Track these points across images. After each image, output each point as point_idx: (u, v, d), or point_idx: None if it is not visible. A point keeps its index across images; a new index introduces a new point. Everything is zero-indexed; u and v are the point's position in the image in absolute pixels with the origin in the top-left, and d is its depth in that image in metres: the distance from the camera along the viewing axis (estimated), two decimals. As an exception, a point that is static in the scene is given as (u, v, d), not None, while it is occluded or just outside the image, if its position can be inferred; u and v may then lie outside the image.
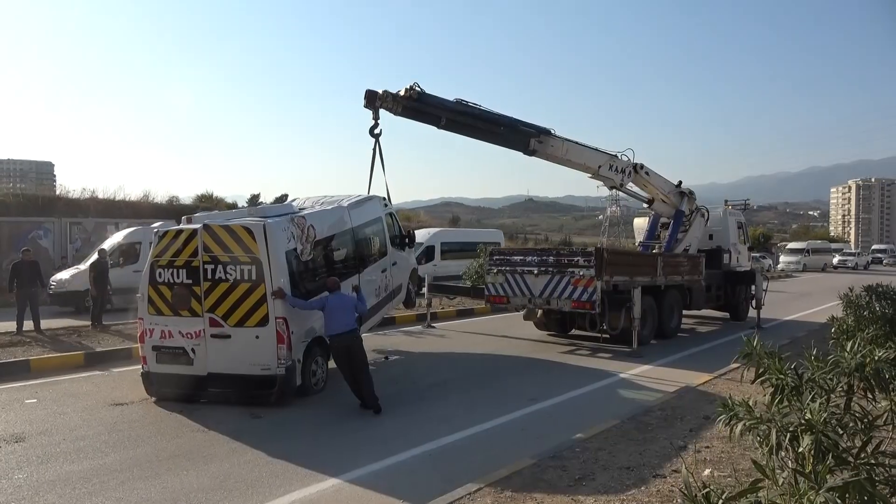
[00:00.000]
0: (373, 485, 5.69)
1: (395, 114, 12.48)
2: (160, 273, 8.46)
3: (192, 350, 8.31)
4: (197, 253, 8.29)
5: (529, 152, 14.39)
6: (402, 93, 12.28)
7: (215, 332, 8.22)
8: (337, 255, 10.04)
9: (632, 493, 5.23)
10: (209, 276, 8.24)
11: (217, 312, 8.21)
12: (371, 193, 12.15)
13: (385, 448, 6.61)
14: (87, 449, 6.61)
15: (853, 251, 59.56)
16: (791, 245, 53.42)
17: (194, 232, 8.34)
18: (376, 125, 12.28)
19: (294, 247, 8.72)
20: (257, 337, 8.11)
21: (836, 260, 53.29)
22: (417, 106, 12.51)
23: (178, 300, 8.37)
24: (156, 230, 9.01)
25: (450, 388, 9.69)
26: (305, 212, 9.86)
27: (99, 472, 5.97)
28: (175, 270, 8.39)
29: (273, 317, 8.04)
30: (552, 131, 14.42)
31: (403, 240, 12.94)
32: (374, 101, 12.09)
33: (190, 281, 8.32)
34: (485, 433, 7.26)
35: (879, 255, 62.17)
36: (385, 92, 12.13)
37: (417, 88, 12.36)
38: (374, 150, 12.38)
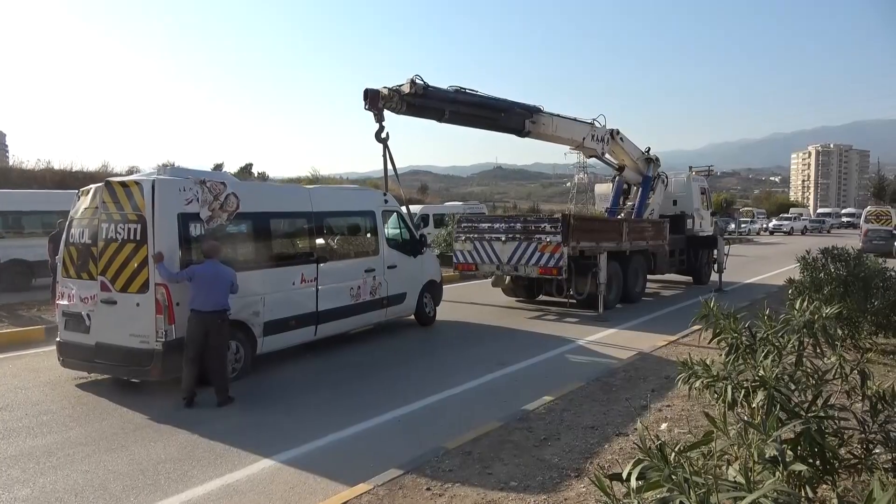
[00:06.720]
0: (343, 450, 5.75)
1: (397, 112, 11.31)
2: (73, 233, 7.98)
3: (88, 316, 7.61)
4: (98, 211, 7.71)
5: (524, 134, 14.05)
6: (406, 89, 11.07)
7: (104, 296, 7.47)
8: (276, 236, 8.90)
9: (595, 451, 5.39)
10: (103, 236, 7.52)
11: (107, 275, 7.45)
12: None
13: (356, 415, 6.65)
14: (51, 423, 6.51)
15: (789, 215, 61.49)
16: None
17: (98, 189, 7.78)
18: (382, 129, 11.19)
19: (196, 211, 7.68)
20: (138, 304, 7.24)
21: (771, 224, 56.13)
22: (421, 102, 11.43)
23: (80, 261, 7.82)
24: (78, 190, 8.40)
25: (419, 354, 9.78)
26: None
27: (64, 445, 5.89)
28: (82, 230, 7.87)
29: (153, 283, 7.15)
30: (541, 108, 14.20)
31: (416, 245, 11.36)
32: (376, 102, 10.93)
33: (90, 241, 7.70)
34: (454, 398, 7.36)
35: (825, 219, 63.43)
36: (390, 90, 10.97)
37: (420, 82, 11.14)
38: (385, 156, 11.38)
